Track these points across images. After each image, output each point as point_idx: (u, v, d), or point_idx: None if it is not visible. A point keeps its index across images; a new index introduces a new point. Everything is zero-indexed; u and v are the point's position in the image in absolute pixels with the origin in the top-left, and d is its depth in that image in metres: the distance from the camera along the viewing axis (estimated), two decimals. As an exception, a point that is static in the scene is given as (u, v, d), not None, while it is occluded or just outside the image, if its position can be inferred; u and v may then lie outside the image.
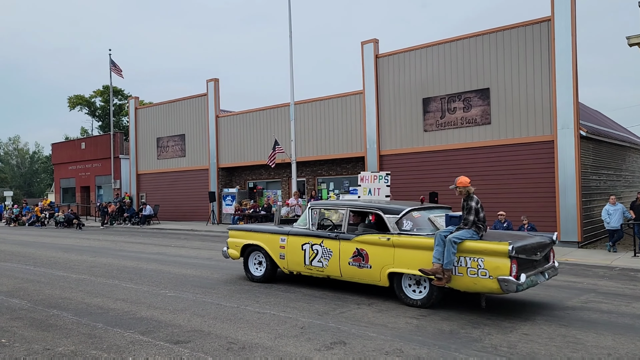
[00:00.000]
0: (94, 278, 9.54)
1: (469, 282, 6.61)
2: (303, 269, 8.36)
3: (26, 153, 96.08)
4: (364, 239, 7.60)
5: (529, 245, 6.84)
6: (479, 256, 6.53)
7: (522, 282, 6.30)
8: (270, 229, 9.04)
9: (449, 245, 6.61)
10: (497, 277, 6.32)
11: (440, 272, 6.62)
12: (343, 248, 7.80)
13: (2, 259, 12.68)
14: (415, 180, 17.82)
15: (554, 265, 7.44)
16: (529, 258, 6.75)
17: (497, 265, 6.34)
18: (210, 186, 24.98)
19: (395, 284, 7.33)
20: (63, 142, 38.55)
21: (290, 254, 8.48)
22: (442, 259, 6.61)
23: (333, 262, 7.92)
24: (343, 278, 7.96)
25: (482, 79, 16.42)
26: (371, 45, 18.88)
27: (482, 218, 6.98)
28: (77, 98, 52.44)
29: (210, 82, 25.10)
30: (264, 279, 8.92)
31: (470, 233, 6.78)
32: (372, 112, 18.90)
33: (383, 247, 7.36)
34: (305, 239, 8.30)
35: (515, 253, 6.35)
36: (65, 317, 6.57)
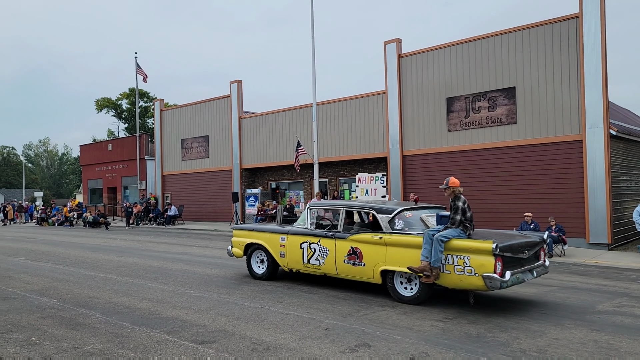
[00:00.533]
0: (120, 277, 9.70)
1: (456, 279, 6.83)
2: (302, 267, 8.66)
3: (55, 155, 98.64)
4: (358, 237, 7.86)
5: (516, 244, 7.00)
6: (465, 254, 6.75)
7: (507, 280, 6.49)
8: (271, 228, 9.40)
9: (436, 244, 6.83)
10: (482, 274, 6.52)
11: (428, 269, 6.86)
12: (339, 247, 8.08)
13: (33, 258, 13.00)
14: (439, 180, 17.54)
15: (543, 264, 7.57)
16: (515, 256, 6.91)
17: (482, 263, 6.54)
18: (234, 187, 25.18)
19: (387, 281, 7.58)
20: (90, 144, 39.40)
21: (290, 253, 8.79)
22: (430, 257, 6.85)
23: (329, 261, 8.20)
24: (339, 276, 8.20)
25: (507, 78, 16.14)
26: (394, 45, 18.75)
27: (469, 217, 7.22)
28: (104, 100, 53.57)
29: (233, 83, 25.31)
30: (265, 276, 9.20)
31: (457, 232, 7.00)
32: (394, 112, 18.77)
33: (376, 246, 7.63)
34: (304, 238, 8.60)
35: (500, 251, 6.53)
36: (93, 316, 6.68)
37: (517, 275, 6.77)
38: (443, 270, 6.89)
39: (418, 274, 7.05)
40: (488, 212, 16.35)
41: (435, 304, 7.27)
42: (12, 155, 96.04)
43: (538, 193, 15.44)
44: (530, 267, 7.20)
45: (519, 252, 7.03)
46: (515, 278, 6.71)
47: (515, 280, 6.72)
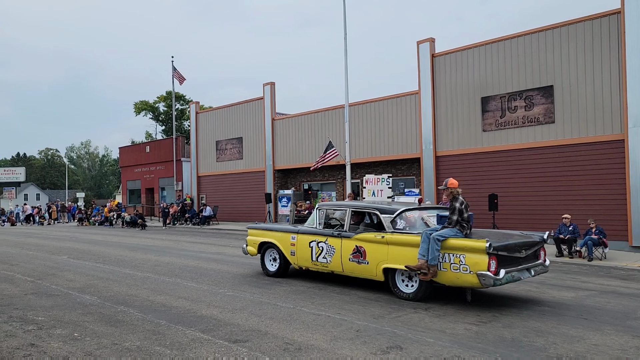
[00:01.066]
0: (157, 276, 9.97)
1: (452, 277, 7.11)
2: (310, 264, 9.06)
3: (96, 156, 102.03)
4: (362, 237, 8.19)
5: (512, 243, 7.22)
6: (460, 253, 7.01)
7: (501, 278, 6.73)
8: (283, 227, 9.95)
9: (433, 243, 7.11)
10: (476, 272, 6.77)
11: (425, 267, 7.13)
12: (344, 245, 8.42)
13: (76, 257, 13.50)
14: (474, 181, 17.33)
15: (543, 263, 7.77)
16: (511, 255, 7.12)
17: (476, 261, 6.80)
18: (267, 188, 25.44)
19: (389, 278, 7.90)
20: (129, 146, 40.56)
21: (300, 251, 9.19)
22: (427, 255, 7.11)
23: (336, 259, 8.57)
24: (344, 273, 8.56)
25: (544, 76, 15.73)
26: (427, 45, 18.56)
27: (466, 218, 7.42)
28: (142, 104, 55.08)
29: (266, 85, 25.59)
30: (277, 273, 9.66)
31: (453, 231, 7.25)
32: (428, 112, 18.57)
33: (378, 245, 7.93)
34: (313, 237, 8.99)
35: (494, 250, 6.74)
36: (132, 314, 6.90)
37: (513, 274, 7.00)
38: (440, 268, 7.16)
39: (416, 272, 7.32)
40: (525, 214, 15.98)
41: (469, 307, 7.17)
42: (56, 157, 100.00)
43: (577, 194, 15.00)
44: (528, 266, 7.37)
45: (516, 251, 7.24)
46: (510, 276, 6.93)
47: (510, 279, 6.94)
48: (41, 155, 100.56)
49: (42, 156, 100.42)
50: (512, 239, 7.48)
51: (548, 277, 9.76)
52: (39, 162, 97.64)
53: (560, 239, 12.79)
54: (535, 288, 8.64)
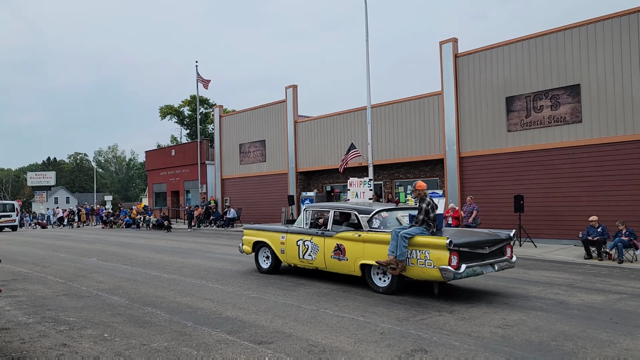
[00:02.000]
0: (183, 278, 10.13)
1: (419, 271, 7.74)
2: (298, 261, 9.79)
3: (123, 160, 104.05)
4: (342, 235, 8.88)
5: (474, 241, 7.82)
6: (425, 249, 7.64)
7: (461, 272, 7.33)
8: (274, 227, 10.70)
9: (401, 240, 7.72)
10: (439, 266, 7.38)
11: (394, 262, 7.76)
12: (327, 244, 9.12)
13: (104, 259, 13.82)
14: (499, 182, 17.09)
15: (508, 259, 8.31)
16: (473, 251, 7.69)
17: (439, 256, 7.41)
18: (290, 190, 25.57)
19: (366, 273, 8.54)
20: (155, 150, 41.29)
21: (288, 249, 9.93)
22: (396, 252, 7.73)
23: (320, 256, 9.27)
24: (327, 269, 9.26)
25: (571, 75, 15.42)
26: (450, 45, 18.40)
27: (432, 217, 8.02)
28: (167, 108, 55.98)
29: (288, 88, 25.74)
30: (269, 270, 10.42)
31: (420, 230, 7.88)
32: (451, 113, 18.40)
33: (356, 242, 8.60)
34: (300, 236, 9.70)
35: (454, 247, 7.34)
36: (159, 315, 7.03)
37: (474, 268, 7.59)
38: (409, 263, 7.78)
39: (386, 267, 7.94)
40: (552, 215, 15.68)
41: (495, 310, 7.08)
42: (85, 161, 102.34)
43: (605, 195, 14.64)
44: (492, 261, 7.94)
45: (478, 247, 7.81)
46: (472, 270, 7.53)
47: (471, 273, 7.54)
48: (70, 159, 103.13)
49: (71, 160, 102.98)
50: (476, 236, 8.15)
51: (577, 280, 9.57)
52: (68, 166, 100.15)
53: (589, 241, 12.51)
54: (563, 291, 8.48)
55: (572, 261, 12.27)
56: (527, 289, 8.70)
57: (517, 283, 9.26)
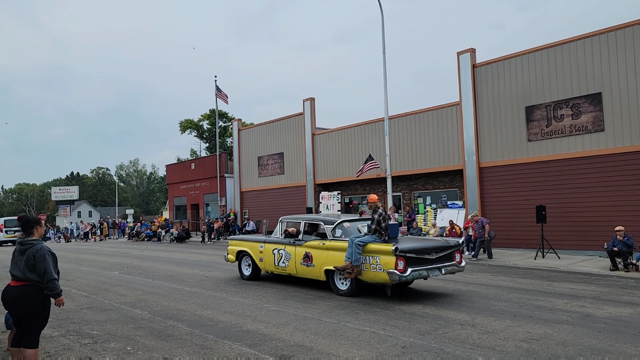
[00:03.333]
0: (204, 291, 10.19)
1: (372, 275, 8.65)
2: (274, 268, 10.74)
3: (144, 174, 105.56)
4: (310, 244, 9.84)
5: (420, 247, 8.80)
6: (376, 255, 8.55)
7: (407, 275, 8.22)
8: (254, 238, 11.82)
9: (355, 247, 8.64)
10: (387, 270, 8.28)
11: (350, 267, 8.70)
12: (297, 252, 10.08)
13: (126, 272, 13.99)
14: (520, 192, 16.85)
15: (457, 264, 9.17)
16: (419, 257, 8.59)
17: (387, 261, 8.33)
18: (308, 202, 25.60)
19: (329, 278, 9.46)
20: (175, 164, 41.84)
21: (266, 258, 10.91)
22: (352, 258, 8.62)
23: (291, 263, 10.21)
24: (298, 275, 10.21)
25: (592, 83, 15.21)
26: (467, 55, 18.34)
27: (384, 227, 8.90)
28: (187, 122, 56.75)
29: (306, 101, 25.90)
30: (251, 277, 11.41)
31: (372, 238, 8.80)
32: (470, 123, 18.28)
33: (321, 250, 9.55)
34: (275, 245, 10.68)
35: (401, 252, 8.25)
36: (180, 328, 7.08)
37: (420, 272, 8.44)
38: (363, 268, 8.67)
39: (342, 271, 8.93)
40: (576, 226, 15.38)
41: (519, 323, 6.95)
42: (107, 175, 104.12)
43: (630, 205, 14.31)
44: (439, 265, 8.78)
45: (425, 253, 8.71)
46: (417, 274, 8.42)
47: (417, 275, 8.43)
48: (93, 173, 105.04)
49: (94, 175, 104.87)
50: (423, 243, 9.14)
51: (603, 292, 9.35)
52: (91, 181, 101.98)
53: (614, 252, 12.22)
54: (589, 304, 8.29)
55: (597, 273, 12.00)
56: (551, 301, 8.53)
57: (541, 295, 9.08)
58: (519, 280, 10.97)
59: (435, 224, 17.82)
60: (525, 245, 16.35)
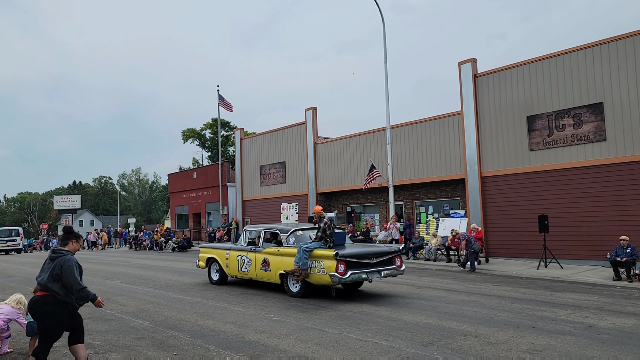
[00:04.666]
0: (205, 301, 10.17)
1: (317, 278, 9.67)
2: (238, 273, 11.78)
3: (146, 183, 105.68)
4: (267, 250, 10.92)
5: (361, 252, 9.82)
6: (321, 259, 9.57)
7: (346, 277, 9.25)
8: (221, 246, 12.87)
9: (302, 253, 9.64)
10: (329, 273, 9.32)
11: (298, 271, 9.68)
12: (257, 258, 11.14)
13: (128, 281, 13.97)
14: (522, 202, 16.82)
15: (397, 268, 10.20)
16: (359, 261, 9.62)
17: (329, 265, 9.37)
18: (310, 211, 25.56)
19: (283, 281, 10.43)
20: (177, 173, 41.89)
21: (231, 264, 11.96)
22: (300, 262, 9.60)
23: (252, 268, 11.27)
24: (258, 279, 11.26)
25: (593, 93, 15.24)
26: (469, 65, 18.41)
27: (329, 234, 9.88)
28: (189, 131, 56.94)
29: (308, 110, 25.98)
30: (218, 282, 12.49)
31: (318, 244, 9.80)
32: (471, 133, 18.30)
33: (276, 256, 10.61)
34: (239, 252, 11.72)
35: (341, 257, 9.31)
36: (182, 338, 7.06)
37: (360, 275, 9.50)
38: (311, 271, 9.66)
39: (291, 274, 9.91)
40: (579, 235, 15.32)
41: (522, 334, 6.92)
42: (109, 184, 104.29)
43: (633, 215, 14.26)
44: (379, 269, 9.78)
45: (365, 258, 9.74)
46: (357, 276, 9.45)
47: (356, 278, 9.48)
48: (95, 182, 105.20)
49: (96, 184, 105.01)
50: (366, 249, 10.27)
51: (606, 303, 9.30)
52: (93, 190, 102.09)
53: (618, 262, 12.17)
54: (593, 314, 8.25)
55: (600, 283, 11.94)
56: (554, 312, 8.49)
57: (544, 306, 9.04)
58: (522, 291, 10.93)
59: (437, 234, 17.79)
60: (527, 255, 16.30)
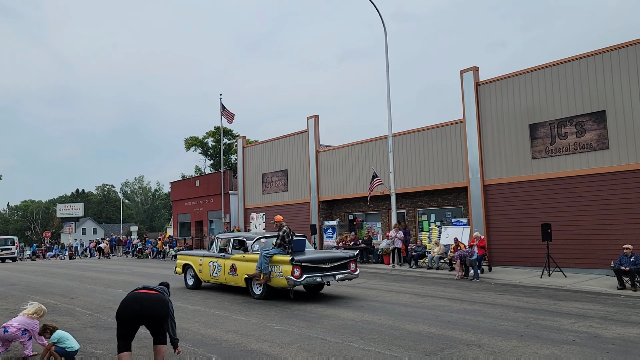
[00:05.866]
0: (207, 309, 10.14)
1: (277, 281, 10.66)
2: (210, 278, 12.78)
3: (149, 191, 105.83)
4: (235, 257, 11.94)
5: (316, 258, 10.86)
6: (279, 264, 10.62)
7: (301, 280, 10.31)
8: (196, 253, 13.85)
9: (263, 259, 10.67)
10: (285, 276, 10.36)
11: (259, 275, 10.73)
12: (226, 264, 12.16)
13: (130, 289, 13.92)
14: (525, 210, 16.78)
15: (351, 272, 11.29)
16: (314, 266, 10.65)
17: (286, 269, 10.43)
18: (312, 219, 25.56)
19: (248, 285, 11.47)
20: (180, 181, 41.94)
21: (204, 269, 12.95)
22: (261, 267, 10.63)
23: (222, 273, 12.26)
24: (227, 283, 12.26)
25: (596, 101, 15.25)
26: (471, 74, 18.46)
27: (287, 241, 10.87)
28: (192, 139, 57.05)
29: (310, 119, 26.04)
30: (193, 286, 13.39)
31: (277, 251, 10.80)
32: (474, 141, 18.31)
33: (242, 261, 11.63)
34: (211, 259, 12.73)
35: (296, 262, 10.33)
36: (184, 347, 7.03)
37: (314, 278, 10.53)
38: (271, 275, 10.65)
39: (252, 278, 11.04)
40: (582, 244, 15.26)
41: (525, 343, 6.87)
42: (112, 192, 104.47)
43: (637, 223, 14.20)
44: (333, 273, 10.89)
45: (320, 263, 10.78)
46: (312, 279, 10.49)
47: (311, 281, 10.54)
48: (98, 190, 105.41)
49: (99, 192, 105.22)
50: (321, 255, 11.26)
51: (611, 312, 9.24)
52: (96, 198, 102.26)
53: (622, 271, 12.10)
54: (597, 324, 8.19)
55: (604, 292, 11.87)
56: (558, 321, 8.44)
57: (548, 315, 8.99)
58: (525, 299, 10.87)
59: (439, 242, 17.74)
60: (530, 263, 16.23)
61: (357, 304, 10.46)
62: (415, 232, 21.33)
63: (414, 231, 21.40)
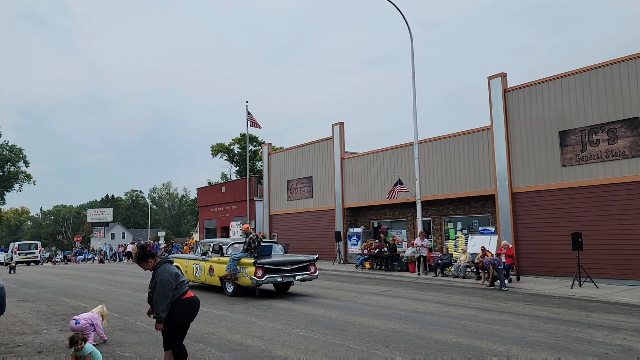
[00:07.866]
0: (233, 315, 10.22)
1: (243, 280, 12.34)
2: (193, 278, 14.43)
3: (176, 197, 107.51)
4: (213, 260, 13.71)
5: (278, 261, 12.51)
6: (245, 266, 12.31)
7: (263, 280, 12.02)
8: (184, 256, 15.86)
9: (232, 261, 12.42)
10: (250, 277, 12.07)
11: (229, 276, 12.49)
12: (205, 266, 13.95)
13: (157, 293, 14.15)
14: (554, 219, 16.40)
15: (310, 273, 12.94)
16: (276, 267, 12.34)
17: (250, 270, 12.14)
18: (336, 226, 25.53)
19: (222, 284, 13.21)
20: (206, 187, 42.48)
21: (189, 271, 14.61)
22: (230, 269, 12.39)
23: (203, 274, 14.05)
24: (207, 283, 14.01)
25: (629, 108, 14.85)
26: (499, 80, 18.22)
27: (254, 247, 12.57)
28: (218, 146, 57.84)
29: (335, 125, 26.09)
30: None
31: (245, 255, 12.51)
32: (501, 148, 18.03)
33: (218, 264, 13.38)
34: (194, 261, 14.58)
35: (259, 264, 12.06)
36: (210, 352, 7.11)
37: (275, 278, 12.27)
38: (240, 276, 12.35)
39: (223, 278, 12.83)
40: (613, 254, 14.83)
41: (557, 354, 6.70)
42: (140, 198, 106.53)
43: (675, 233, 13.72)
44: (293, 274, 12.60)
45: (281, 265, 12.45)
46: (273, 279, 12.24)
47: (272, 281, 12.27)
48: (127, 196, 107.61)
49: (127, 197, 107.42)
50: (283, 258, 12.85)
51: (645, 325, 8.93)
52: (124, 203, 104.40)
53: (658, 282, 11.69)
54: (631, 336, 7.93)
55: (638, 303, 11.48)
56: (590, 333, 8.21)
57: (579, 327, 8.75)
58: (555, 310, 10.61)
59: (466, 250, 17.48)
60: (560, 273, 15.84)
61: (383, 312, 10.38)
62: (441, 240, 21.08)
63: (440, 239, 21.15)
